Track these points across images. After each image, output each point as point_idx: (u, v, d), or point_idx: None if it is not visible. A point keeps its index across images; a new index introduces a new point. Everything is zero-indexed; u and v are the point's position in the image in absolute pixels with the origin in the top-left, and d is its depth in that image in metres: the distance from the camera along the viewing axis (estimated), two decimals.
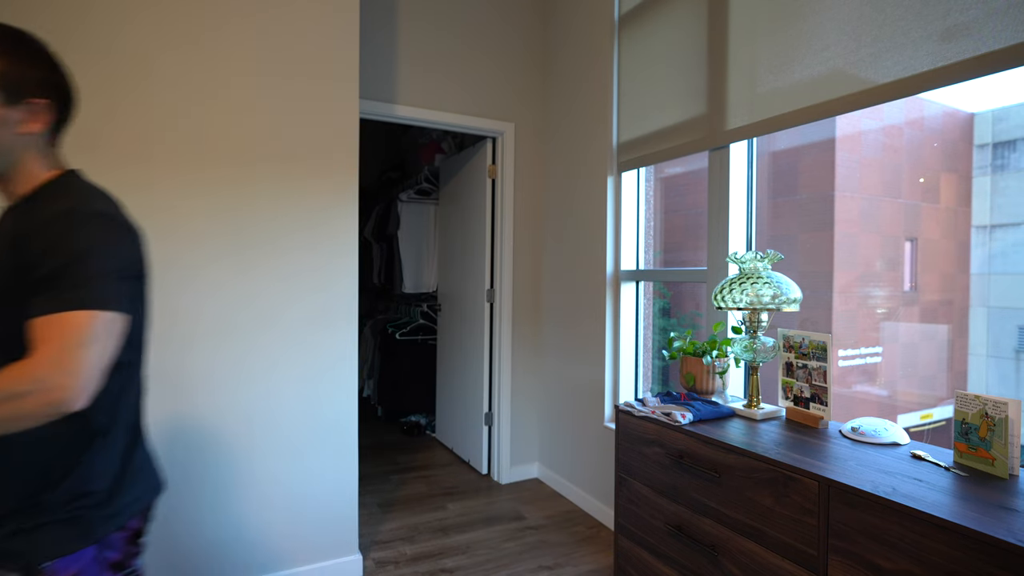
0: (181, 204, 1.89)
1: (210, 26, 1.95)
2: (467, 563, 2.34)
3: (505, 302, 3.24)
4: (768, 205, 4.09)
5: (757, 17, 1.96)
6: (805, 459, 1.32)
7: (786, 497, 1.30)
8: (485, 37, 3.15)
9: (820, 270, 3.69)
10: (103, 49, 1.79)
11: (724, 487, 1.46)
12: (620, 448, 1.86)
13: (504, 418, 3.26)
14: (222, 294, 1.96)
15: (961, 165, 3.72)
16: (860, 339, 3.76)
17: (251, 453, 2.01)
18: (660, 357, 2.91)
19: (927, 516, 1.03)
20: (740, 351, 1.71)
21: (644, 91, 2.53)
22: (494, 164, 3.30)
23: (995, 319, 3.43)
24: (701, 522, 1.53)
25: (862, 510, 1.14)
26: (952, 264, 3.81)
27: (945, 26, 1.43)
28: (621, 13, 2.69)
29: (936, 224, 3.84)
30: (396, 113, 2.89)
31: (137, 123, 1.84)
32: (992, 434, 1.21)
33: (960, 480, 1.18)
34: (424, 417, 4.35)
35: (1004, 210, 3.44)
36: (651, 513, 1.72)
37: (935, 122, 3.81)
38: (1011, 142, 3.47)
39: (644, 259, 2.77)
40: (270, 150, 2.04)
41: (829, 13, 1.72)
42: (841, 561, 1.18)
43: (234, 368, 1.98)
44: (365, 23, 2.79)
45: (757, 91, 1.95)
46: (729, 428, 1.59)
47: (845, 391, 3.58)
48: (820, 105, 1.74)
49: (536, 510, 2.89)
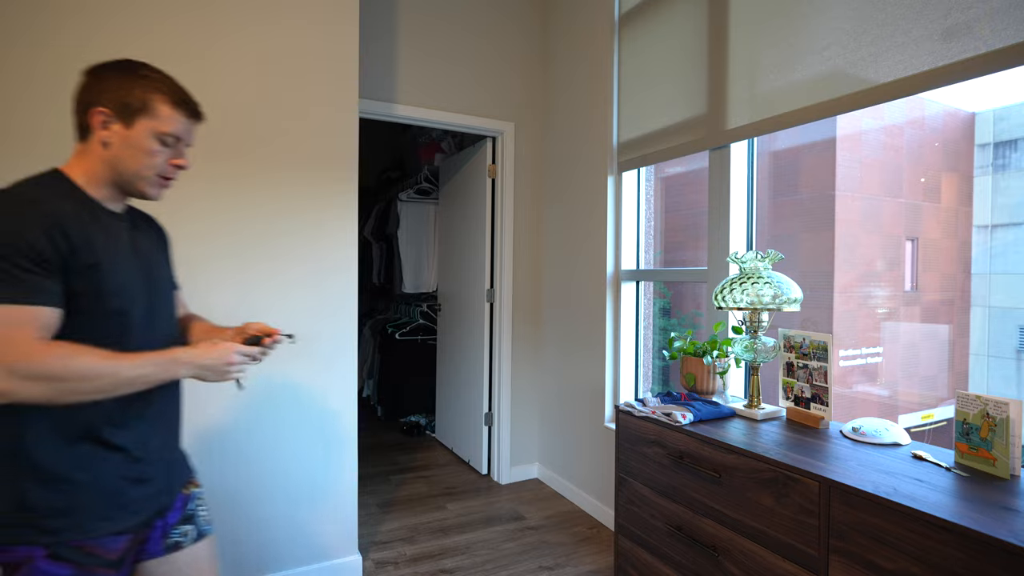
0: (180, 205, 1.89)
1: (211, 27, 1.95)
2: (467, 563, 2.34)
3: (505, 302, 3.24)
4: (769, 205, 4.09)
5: (757, 16, 1.95)
6: (806, 459, 1.32)
7: (787, 497, 1.29)
8: (485, 37, 3.14)
9: (821, 270, 3.69)
10: (114, 52, 1.79)
11: (725, 487, 1.46)
12: (620, 448, 1.85)
13: (504, 418, 3.25)
14: (221, 293, 1.96)
15: (962, 165, 3.72)
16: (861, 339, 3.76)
17: (250, 452, 2.01)
18: (660, 357, 2.90)
19: (928, 517, 1.02)
20: (741, 351, 1.71)
21: (644, 90, 2.53)
22: (494, 164, 3.30)
23: (996, 319, 3.43)
24: (701, 522, 1.53)
25: (863, 510, 1.13)
26: (953, 264, 3.81)
27: (946, 25, 1.43)
28: (621, 13, 2.69)
29: (937, 224, 3.83)
30: (396, 113, 2.89)
31: None
32: (993, 434, 1.21)
33: (961, 480, 1.18)
34: (424, 417, 4.35)
35: (1005, 210, 3.44)
36: (651, 513, 1.71)
37: (936, 122, 3.80)
38: (1012, 141, 3.46)
39: (644, 259, 2.77)
40: (270, 150, 2.04)
41: (829, 12, 1.71)
42: (842, 561, 1.17)
43: None
44: (365, 23, 2.79)
45: (757, 90, 1.95)
46: (730, 428, 1.59)
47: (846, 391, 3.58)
48: (820, 104, 1.74)
49: (536, 510, 2.88)
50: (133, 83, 0.96)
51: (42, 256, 0.85)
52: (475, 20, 3.11)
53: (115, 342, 0.92)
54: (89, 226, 0.93)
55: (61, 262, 0.87)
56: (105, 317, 0.95)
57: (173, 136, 1.00)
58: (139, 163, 0.98)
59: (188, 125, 1.02)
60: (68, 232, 0.88)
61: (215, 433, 1.95)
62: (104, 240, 0.95)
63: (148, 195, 1.02)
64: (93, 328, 0.92)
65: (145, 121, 0.97)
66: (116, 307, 0.95)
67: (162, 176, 1.02)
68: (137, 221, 1.11)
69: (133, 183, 0.99)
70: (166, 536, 1.09)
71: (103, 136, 0.96)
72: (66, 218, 0.89)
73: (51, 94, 1.72)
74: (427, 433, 4.23)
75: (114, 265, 0.96)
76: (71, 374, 0.83)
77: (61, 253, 0.87)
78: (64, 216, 0.89)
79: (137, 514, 1.00)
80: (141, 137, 0.97)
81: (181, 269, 1.94)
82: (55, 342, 0.86)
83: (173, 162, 1.02)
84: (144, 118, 0.97)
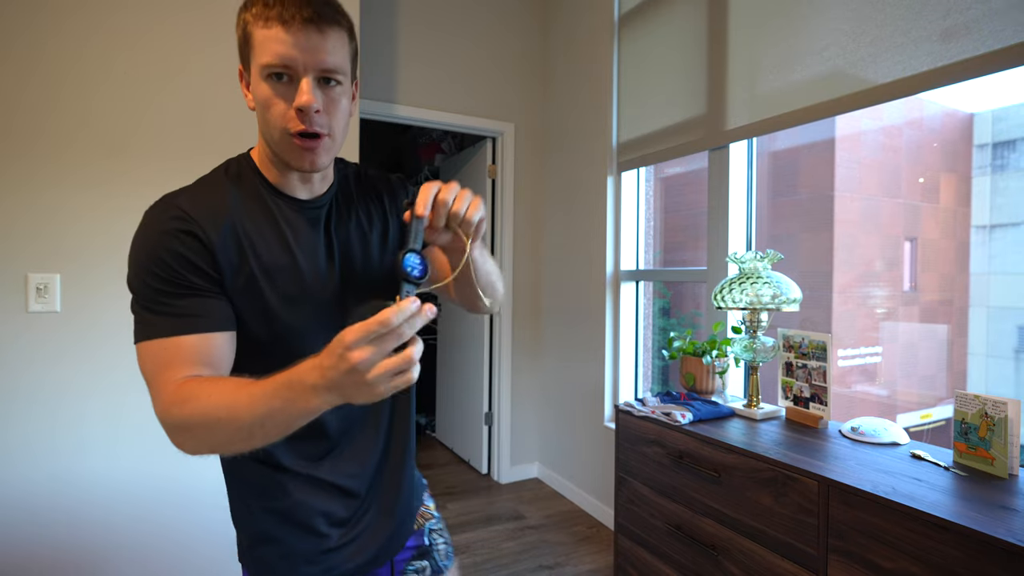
0: None
1: (211, 28, 1.95)
2: (467, 562, 2.34)
3: (505, 301, 3.24)
4: (768, 205, 4.09)
5: (757, 17, 1.96)
6: (805, 459, 1.32)
7: (786, 497, 1.30)
8: (485, 37, 3.15)
9: (820, 270, 3.69)
10: (111, 52, 1.79)
11: (724, 487, 1.46)
12: (620, 448, 1.86)
13: (504, 418, 3.26)
14: None
15: (960, 165, 3.73)
16: (860, 339, 3.76)
17: None
18: (660, 357, 2.91)
19: (927, 516, 1.03)
20: (740, 351, 1.71)
21: (644, 91, 2.53)
22: (494, 164, 3.30)
23: (995, 319, 3.44)
24: (701, 522, 1.53)
25: (862, 510, 1.14)
26: (952, 264, 3.82)
27: (945, 26, 1.43)
28: (621, 13, 2.69)
29: (936, 224, 3.84)
30: (396, 113, 2.89)
31: (138, 122, 1.84)
32: (991, 434, 1.21)
33: (960, 480, 1.18)
34: (424, 417, 4.35)
35: (1004, 210, 3.45)
36: (651, 513, 1.72)
37: (934, 122, 3.81)
38: (1011, 142, 3.47)
39: (644, 259, 2.77)
40: None
41: (829, 13, 1.72)
42: (841, 560, 1.18)
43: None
44: (365, 23, 2.79)
45: (757, 91, 1.95)
46: (729, 428, 1.60)
47: (845, 391, 3.58)
48: (820, 105, 1.74)
49: (536, 510, 2.89)
50: (239, 18, 0.71)
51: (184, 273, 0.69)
52: (475, 20, 3.11)
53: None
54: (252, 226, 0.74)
55: (213, 278, 0.70)
56: (272, 341, 0.74)
57: (280, 64, 0.66)
58: (265, 121, 0.70)
59: (288, 38, 0.65)
60: (211, 238, 0.70)
61: None
62: (269, 242, 0.74)
63: (295, 165, 0.72)
64: (263, 356, 0.72)
65: (253, 59, 0.69)
66: (280, 329, 0.74)
67: (292, 134, 0.69)
68: (345, 201, 0.82)
69: (278, 153, 0.72)
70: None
71: (248, 100, 0.73)
72: (223, 217, 0.71)
73: (50, 93, 1.72)
74: (427, 433, 4.23)
75: (276, 274, 0.74)
76: (188, 423, 0.63)
77: (208, 268, 0.69)
78: (218, 215, 0.71)
79: (332, 571, 0.82)
80: (256, 83, 0.69)
81: None
82: (196, 380, 0.65)
83: (296, 105, 0.67)
84: (251, 56, 0.69)
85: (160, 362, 0.66)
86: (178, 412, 0.62)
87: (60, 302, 1.74)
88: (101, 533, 1.78)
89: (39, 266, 1.71)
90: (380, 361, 0.53)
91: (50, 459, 1.72)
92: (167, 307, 0.67)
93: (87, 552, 1.77)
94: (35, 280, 1.70)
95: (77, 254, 1.76)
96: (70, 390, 1.75)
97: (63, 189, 1.73)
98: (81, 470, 1.76)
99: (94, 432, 1.78)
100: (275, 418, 0.58)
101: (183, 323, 0.67)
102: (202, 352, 0.67)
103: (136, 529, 1.83)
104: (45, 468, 1.71)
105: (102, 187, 1.78)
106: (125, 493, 1.81)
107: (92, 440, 1.77)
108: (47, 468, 1.72)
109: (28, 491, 1.70)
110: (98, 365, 1.78)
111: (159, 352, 0.66)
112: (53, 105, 1.72)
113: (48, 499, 1.72)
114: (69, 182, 1.74)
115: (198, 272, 0.69)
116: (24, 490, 1.69)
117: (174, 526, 1.88)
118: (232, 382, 0.63)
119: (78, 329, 1.76)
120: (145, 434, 1.84)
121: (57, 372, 1.73)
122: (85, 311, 1.77)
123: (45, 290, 1.71)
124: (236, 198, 0.74)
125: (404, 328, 0.53)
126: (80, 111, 1.75)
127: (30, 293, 1.69)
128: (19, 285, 1.69)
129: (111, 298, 1.80)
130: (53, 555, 1.72)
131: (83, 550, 1.76)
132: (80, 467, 1.76)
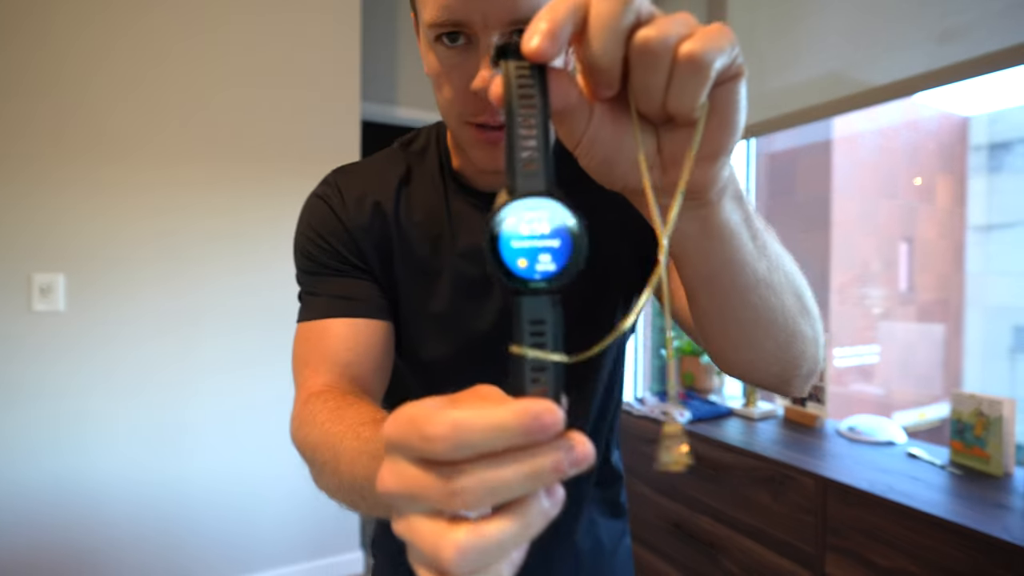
0: (182, 205, 1.90)
1: (210, 29, 1.95)
2: None
3: None
4: (766, 205, 4.10)
5: (755, 19, 1.97)
6: (802, 457, 1.34)
7: (784, 495, 1.31)
8: None
9: (817, 270, 3.71)
10: (107, 48, 1.80)
11: (722, 485, 1.48)
12: None
13: None
14: (223, 293, 1.97)
15: (957, 167, 3.75)
16: (857, 338, 3.78)
17: (252, 448, 2.02)
18: (658, 356, 2.92)
19: (923, 514, 1.04)
20: None
21: None
22: None
23: (990, 318, 3.46)
24: (700, 520, 1.55)
25: (859, 508, 1.15)
26: (948, 264, 3.84)
27: (942, 28, 1.45)
28: None
29: (932, 225, 3.86)
30: (398, 115, 2.89)
31: (140, 125, 1.85)
32: (987, 432, 1.23)
33: (955, 478, 1.20)
34: None
35: (999, 211, 3.47)
36: (650, 512, 1.73)
37: (931, 124, 3.83)
38: (1006, 144, 3.49)
39: None
40: (271, 153, 2.04)
41: (827, 15, 1.73)
42: (838, 558, 1.19)
43: (237, 364, 1.99)
44: (366, 25, 2.80)
45: (754, 92, 1.97)
46: (727, 427, 1.61)
47: (842, 390, 3.60)
48: (818, 106, 1.76)
49: None
50: None
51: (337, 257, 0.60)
52: None
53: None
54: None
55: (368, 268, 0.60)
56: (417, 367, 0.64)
57: (448, 20, 0.44)
58: (439, 101, 0.51)
59: None
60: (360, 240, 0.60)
61: (217, 428, 1.96)
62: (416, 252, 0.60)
63: (478, 163, 0.53)
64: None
65: (420, 15, 0.48)
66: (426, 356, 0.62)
67: (468, 121, 0.49)
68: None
69: (457, 141, 0.56)
70: None
71: (424, 64, 0.53)
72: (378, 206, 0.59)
73: (45, 90, 1.72)
74: None
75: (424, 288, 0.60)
76: (304, 453, 0.48)
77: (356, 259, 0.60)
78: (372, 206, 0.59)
79: None
80: (425, 50, 0.50)
81: (181, 270, 1.96)
82: (327, 395, 0.50)
83: (473, 87, 0.46)
84: (419, 8, 0.48)
85: (298, 356, 0.57)
86: (295, 435, 0.49)
87: (63, 302, 1.74)
88: (102, 532, 1.79)
89: (43, 266, 1.72)
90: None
91: (52, 458, 1.73)
92: (309, 287, 0.61)
93: (88, 551, 1.77)
94: (39, 280, 1.71)
95: (81, 255, 1.76)
96: (72, 389, 1.75)
97: (68, 192, 1.73)
98: (83, 469, 1.76)
99: (96, 431, 1.78)
100: (375, 493, 0.33)
101: (331, 306, 0.57)
102: (348, 341, 0.55)
103: (137, 529, 1.84)
104: (47, 467, 1.72)
105: (107, 190, 1.79)
106: (126, 492, 1.82)
107: (94, 439, 1.78)
108: (49, 467, 1.72)
109: (30, 490, 1.70)
110: (100, 365, 1.79)
111: (297, 340, 0.58)
112: (70, 115, 1.72)
113: (50, 498, 1.72)
114: (75, 185, 1.74)
115: (336, 255, 0.59)
116: (26, 488, 1.70)
117: (175, 526, 1.89)
118: (355, 412, 0.45)
119: (81, 329, 1.77)
120: (146, 434, 1.84)
121: (60, 371, 1.74)
122: (88, 311, 1.78)
123: (48, 290, 1.71)
124: (400, 179, 0.60)
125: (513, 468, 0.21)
126: (90, 118, 1.76)
127: (34, 293, 1.70)
128: (23, 285, 1.70)
129: (114, 299, 1.80)
130: (54, 553, 1.73)
131: (84, 549, 1.77)
132: (82, 466, 1.76)
